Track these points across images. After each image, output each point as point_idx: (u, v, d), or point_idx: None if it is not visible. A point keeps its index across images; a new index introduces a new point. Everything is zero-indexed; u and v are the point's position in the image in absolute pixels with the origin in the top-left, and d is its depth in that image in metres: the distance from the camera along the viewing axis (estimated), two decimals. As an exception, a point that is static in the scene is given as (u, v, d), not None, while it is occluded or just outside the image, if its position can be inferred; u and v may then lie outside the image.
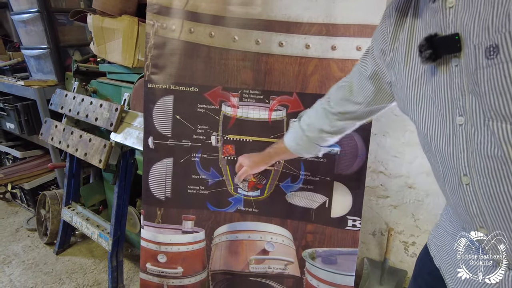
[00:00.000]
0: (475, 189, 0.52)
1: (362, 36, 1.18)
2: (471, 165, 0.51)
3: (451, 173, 0.56)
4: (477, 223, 0.55)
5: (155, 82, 1.30)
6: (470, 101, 0.49)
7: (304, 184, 1.31)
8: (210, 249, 1.41)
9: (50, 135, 1.86)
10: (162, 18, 1.27)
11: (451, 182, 0.57)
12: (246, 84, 1.28)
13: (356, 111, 0.81)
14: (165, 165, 1.35)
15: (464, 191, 0.54)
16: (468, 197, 0.54)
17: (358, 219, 1.28)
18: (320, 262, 1.33)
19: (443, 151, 0.56)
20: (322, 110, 0.89)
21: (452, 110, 0.52)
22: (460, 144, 0.52)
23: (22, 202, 2.60)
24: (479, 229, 0.56)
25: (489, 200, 0.51)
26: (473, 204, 0.54)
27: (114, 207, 1.69)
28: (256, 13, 1.23)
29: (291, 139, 0.99)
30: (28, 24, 2.11)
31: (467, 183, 0.53)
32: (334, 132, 0.90)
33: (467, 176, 0.53)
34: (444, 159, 0.57)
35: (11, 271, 1.97)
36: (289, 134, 1.01)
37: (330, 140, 0.94)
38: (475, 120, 0.49)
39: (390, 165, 1.57)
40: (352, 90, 0.79)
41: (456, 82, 0.50)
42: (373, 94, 0.75)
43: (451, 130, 0.53)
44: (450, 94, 0.52)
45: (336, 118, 0.86)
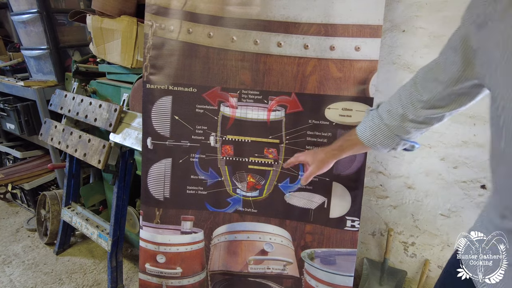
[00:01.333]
0: None
1: (361, 36, 1.18)
2: None
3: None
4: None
5: (154, 82, 1.30)
6: None
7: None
8: (209, 249, 1.41)
9: (50, 135, 1.86)
10: (160, 19, 1.27)
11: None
12: (244, 84, 1.27)
13: (441, 92, 0.71)
14: (163, 166, 1.35)
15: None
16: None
17: (357, 220, 1.28)
18: (319, 263, 1.33)
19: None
20: (407, 95, 0.79)
21: None
22: None
23: (23, 202, 2.61)
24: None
25: None
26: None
27: (113, 208, 1.70)
28: (254, 14, 1.22)
29: (366, 128, 0.88)
30: (28, 25, 2.12)
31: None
32: (419, 122, 0.79)
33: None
34: None
35: (11, 271, 1.97)
36: (364, 123, 0.90)
37: (413, 133, 0.82)
38: None
39: (389, 165, 1.57)
40: (440, 67, 0.71)
41: None
42: (461, 68, 0.65)
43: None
44: None
45: (422, 105, 0.76)
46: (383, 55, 1.41)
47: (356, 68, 1.20)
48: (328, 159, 0.99)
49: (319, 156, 1.01)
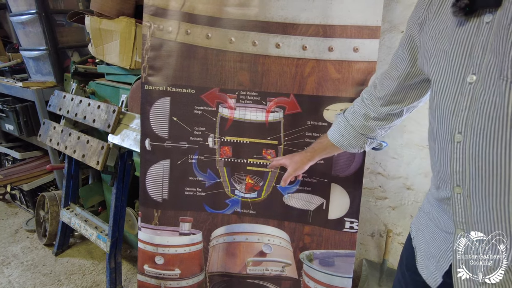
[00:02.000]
0: (464, 147, 0.56)
1: (359, 37, 1.17)
2: (468, 124, 0.55)
3: (445, 131, 0.60)
4: (455, 180, 0.59)
5: (152, 83, 1.30)
6: (488, 59, 0.51)
7: (302, 185, 1.30)
8: (207, 251, 1.41)
9: (49, 136, 1.86)
10: (158, 20, 1.27)
11: (443, 139, 0.61)
12: (243, 85, 1.27)
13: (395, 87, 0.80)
14: (162, 167, 1.35)
15: (453, 148, 0.58)
16: (455, 155, 0.58)
17: (356, 221, 1.27)
18: (317, 264, 1.33)
19: (444, 107, 0.59)
20: (368, 96, 0.89)
21: (466, 68, 0.54)
22: (463, 102, 0.55)
23: (22, 203, 2.60)
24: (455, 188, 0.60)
25: (476, 159, 0.55)
26: (458, 161, 0.58)
27: (112, 209, 1.69)
28: (253, 15, 1.22)
29: (335, 131, 0.97)
30: (27, 25, 2.12)
31: (458, 141, 0.57)
32: (380, 119, 0.88)
33: (461, 134, 0.56)
34: (443, 116, 0.60)
35: (10, 272, 1.97)
36: (333, 127, 0.99)
37: (377, 131, 0.91)
38: (486, 80, 0.51)
39: (388, 166, 1.57)
40: (392, 65, 0.81)
41: (480, 40, 0.52)
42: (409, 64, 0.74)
43: (458, 87, 0.56)
44: (469, 51, 0.54)
45: (381, 102, 0.85)
46: (382, 56, 1.41)
47: (355, 69, 1.19)
48: (303, 161, 1.06)
49: (295, 158, 1.08)
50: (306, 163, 1.07)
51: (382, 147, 1.03)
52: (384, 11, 1.29)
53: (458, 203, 0.60)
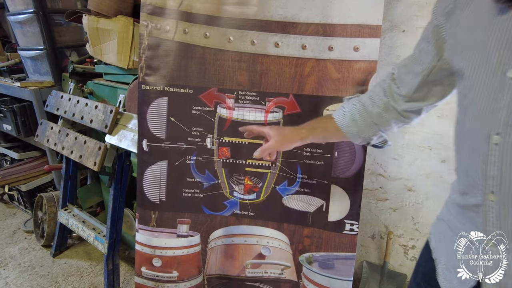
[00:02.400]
0: (503, 149, 0.51)
1: (360, 37, 1.15)
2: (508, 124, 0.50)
3: (480, 131, 0.54)
4: (490, 186, 0.54)
5: (149, 83, 1.28)
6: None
7: (301, 187, 1.28)
8: (205, 253, 1.39)
9: (46, 136, 1.84)
10: (156, 19, 1.25)
11: (476, 139, 0.55)
12: (241, 85, 1.25)
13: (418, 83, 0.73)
14: (159, 168, 1.33)
15: (490, 150, 0.53)
16: (491, 157, 0.53)
17: (356, 223, 1.25)
18: (317, 267, 1.31)
19: (480, 105, 0.54)
20: (388, 87, 0.80)
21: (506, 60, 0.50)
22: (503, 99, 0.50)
23: (20, 204, 2.59)
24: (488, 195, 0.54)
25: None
26: (494, 165, 0.53)
27: (109, 210, 1.68)
28: (251, 13, 1.20)
29: (346, 114, 0.83)
30: (24, 25, 2.10)
31: (496, 142, 0.52)
32: (400, 115, 0.79)
33: (499, 136, 0.51)
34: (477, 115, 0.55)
35: (7, 273, 1.95)
36: (342, 109, 0.85)
37: (392, 125, 0.82)
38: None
39: (389, 167, 1.55)
40: (415, 59, 0.73)
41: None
42: (435, 58, 0.68)
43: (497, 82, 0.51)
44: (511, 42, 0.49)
45: (401, 98, 0.78)
46: (383, 55, 1.39)
47: (355, 69, 1.17)
48: (293, 138, 0.87)
49: (284, 131, 0.89)
50: (296, 141, 0.87)
51: (385, 145, 0.93)
52: (385, 10, 1.27)
53: (491, 212, 0.55)
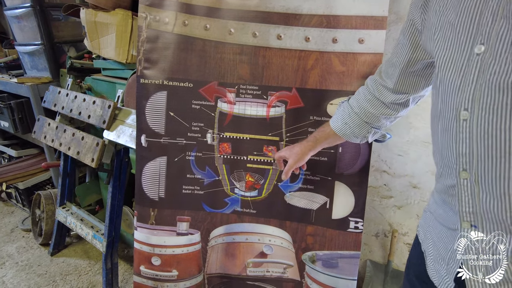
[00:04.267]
0: (472, 125, 0.52)
1: (365, 28, 1.12)
2: (475, 99, 0.51)
3: (450, 108, 0.56)
4: (461, 164, 0.55)
5: (148, 77, 1.25)
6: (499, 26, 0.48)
7: (304, 184, 1.25)
8: (206, 251, 1.35)
9: (43, 133, 1.81)
10: (155, 11, 1.21)
11: (447, 118, 0.57)
12: (243, 79, 1.22)
13: (398, 75, 0.77)
14: (158, 164, 1.30)
15: (459, 127, 0.54)
16: (461, 134, 0.54)
17: (361, 221, 1.22)
18: (320, 266, 1.27)
19: (449, 83, 0.55)
20: (373, 83, 0.86)
21: (473, 37, 0.51)
22: (470, 75, 0.51)
23: (17, 202, 2.56)
24: (461, 173, 0.55)
25: (485, 138, 0.50)
26: (464, 141, 0.53)
27: (108, 208, 1.64)
28: (253, 5, 1.17)
29: (339, 119, 0.93)
30: (22, 20, 2.06)
31: (465, 118, 0.53)
32: (387, 108, 0.84)
33: (467, 111, 0.52)
34: (447, 92, 0.56)
35: (4, 272, 1.92)
36: (336, 115, 0.95)
37: (382, 120, 0.87)
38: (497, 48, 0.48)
39: (394, 164, 1.51)
40: (394, 52, 0.79)
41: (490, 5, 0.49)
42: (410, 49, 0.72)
43: (465, 60, 0.52)
44: (478, 18, 0.51)
45: (386, 91, 0.82)
46: (388, 48, 1.35)
47: (360, 62, 1.14)
48: (304, 151, 1.00)
49: (295, 149, 1.02)
50: (307, 153, 1.01)
51: (385, 138, 0.99)
52: (390, 2, 1.23)
53: (464, 191, 0.55)
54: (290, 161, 1.01)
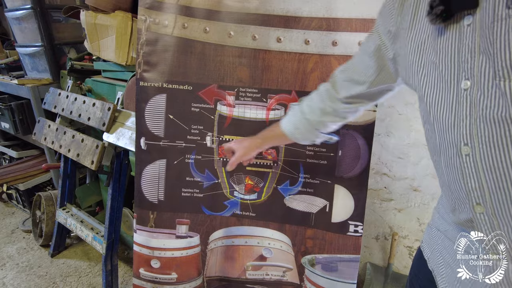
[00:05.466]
0: (475, 159, 0.50)
1: (365, 31, 1.11)
2: (473, 133, 0.50)
3: (449, 144, 0.54)
4: (474, 198, 0.52)
5: (147, 80, 1.24)
6: (479, 62, 0.47)
7: (304, 187, 1.24)
8: (205, 254, 1.35)
9: (43, 135, 1.81)
10: (154, 13, 1.21)
11: (448, 154, 0.55)
12: (242, 82, 1.21)
13: (359, 93, 0.78)
14: (158, 167, 1.29)
15: (463, 162, 0.52)
16: (466, 170, 0.52)
17: (360, 224, 1.22)
18: (320, 269, 1.27)
19: (443, 120, 0.54)
20: (326, 92, 0.86)
21: (457, 74, 0.50)
22: (463, 110, 0.50)
23: (18, 203, 2.56)
24: (475, 207, 0.53)
25: (491, 171, 0.49)
26: (472, 177, 0.51)
27: (108, 210, 1.64)
28: (253, 7, 1.16)
29: (290, 122, 0.94)
30: (22, 21, 2.07)
31: (467, 153, 0.51)
32: (337, 116, 0.86)
33: (468, 146, 0.51)
34: (443, 129, 0.55)
35: (5, 274, 1.92)
36: (287, 117, 0.96)
37: (331, 126, 0.90)
38: (482, 83, 0.47)
39: (394, 166, 1.51)
40: (356, 69, 0.78)
41: (466, 43, 0.48)
42: (375, 73, 0.73)
43: (454, 96, 0.51)
44: (457, 56, 0.50)
45: (340, 101, 0.83)
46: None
47: (360, 65, 1.13)
48: (251, 147, 1.03)
49: (244, 143, 1.04)
50: (254, 149, 1.03)
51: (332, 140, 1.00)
52: (391, 4, 1.23)
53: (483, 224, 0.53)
54: (237, 154, 1.03)
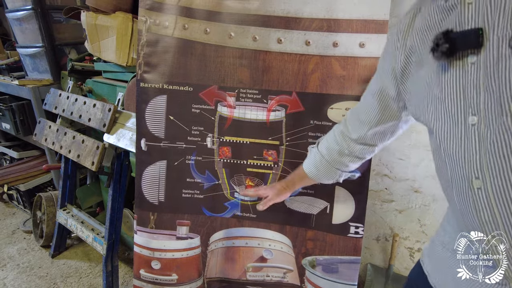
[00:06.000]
0: (487, 193, 0.50)
1: (366, 32, 1.11)
2: (484, 167, 0.50)
3: (461, 178, 0.54)
4: (488, 230, 0.52)
5: (148, 81, 1.24)
6: (484, 98, 0.48)
7: (304, 188, 1.24)
8: (205, 255, 1.35)
9: (44, 135, 1.81)
10: (155, 14, 1.21)
11: (460, 187, 0.55)
12: (243, 83, 1.21)
13: (366, 132, 0.81)
14: (158, 168, 1.29)
15: (475, 196, 0.52)
16: (479, 203, 0.52)
17: (361, 226, 1.21)
18: (320, 271, 1.27)
19: (454, 154, 0.55)
20: (340, 134, 0.89)
21: (464, 110, 0.51)
22: (472, 145, 0.51)
23: (19, 203, 2.56)
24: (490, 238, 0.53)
25: (504, 204, 0.48)
26: (485, 210, 0.51)
27: (108, 210, 1.64)
28: (253, 8, 1.16)
29: (311, 164, 0.98)
30: (23, 22, 2.07)
31: (478, 187, 0.51)
32: (354, 156, 0.89)
33: (479, 180, 0.51)
34: (454, 163, 0.55)
35: (5, 274, 1.92)
36: (308, 159, 1.00)
37: (351, 165, 0.92)
38: (488, 119, 0.48)
39: (395, 168, 1.50)
40: (362, 109, 0.81)
41: (470, 80, 0.49)
42: (379, 113, 0.76)
43: (462, 131, 0.52)
44: (462, 93, 0.51)
45: (353, 142, 0.86)
46: (389, 52, 1.34)
47: (361, 66, 1.13)
48: (283, 191, 1.11)
49: (275, 188, 1.12)
50: (286, 193, 1.12)
51: (355, 177, 1.04)
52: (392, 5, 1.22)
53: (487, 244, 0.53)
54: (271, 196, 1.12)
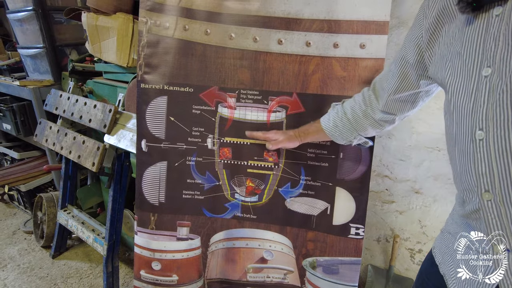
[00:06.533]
0: (488, 143, 0.52)
1: (366, 33, 1.11)
2: (489, 118, 0.52)
3: (465, 131, 0.57)
4: (483, 184, 0.54)
5: (148, 82, 1.24)
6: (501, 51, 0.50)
7: (305, 189, 1.24)
8: (206, 256, 1.35)
9: (45, 136, 1.81)
10: (155, 15, 1.21)
11: (463, 141, 0.58)
12: (243, 84, 1.21)
13: (386, 99, 0.85)
14: (158, 169, 1.29)
15: (476, 147, 0.54)
16: (478, 154, 0.54)
17: (362, 227, 1.21)
18: (321, 272, 1.27)
19: (462, 107, 0.57)
20: (368, 98, 0.92)
21: (480, 63, 0.54)
22: (481, 97, 0.53)
23: (20, 204, 2.57)
24: (483, 194, 0.54)
25: (502, 155, 0.51)
26: (483, 161, 0.53)
27: (109, 211, 1.64)
28: (254, 9, 1.16)
29: (330, 120, 1.00)
30: (24, 23, 2.07)
31: (481, 138, 0.53)
32: (376, 122, 0.92)
33: (482, 131, 0.53)
34: (461, 116, 0.58)
35: (6, 275, 1.92)
36: (328, 115, 1.02)
37: (369, 131, 0.95)
38: (502, 69, 0.50)
39: (395, 169, 1.50)
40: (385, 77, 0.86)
41: (492, 32, 0.52)
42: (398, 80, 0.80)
43: (475, 84, 0.54)
44: (482, 45, 0.53)
45: (378, 108, 0.90)
46: (390, 53, 1.34)
47: (361, 67, 1.13)
48: (294, 139, 1.12)
49: (287, 134, 1.13)
50: (297, 140, 1.12)
51: (367, 145, 1.07)
52: (392, 6, 1.22)
53: (490, 213, 0.53)
54: (282, 139, 1.13)
